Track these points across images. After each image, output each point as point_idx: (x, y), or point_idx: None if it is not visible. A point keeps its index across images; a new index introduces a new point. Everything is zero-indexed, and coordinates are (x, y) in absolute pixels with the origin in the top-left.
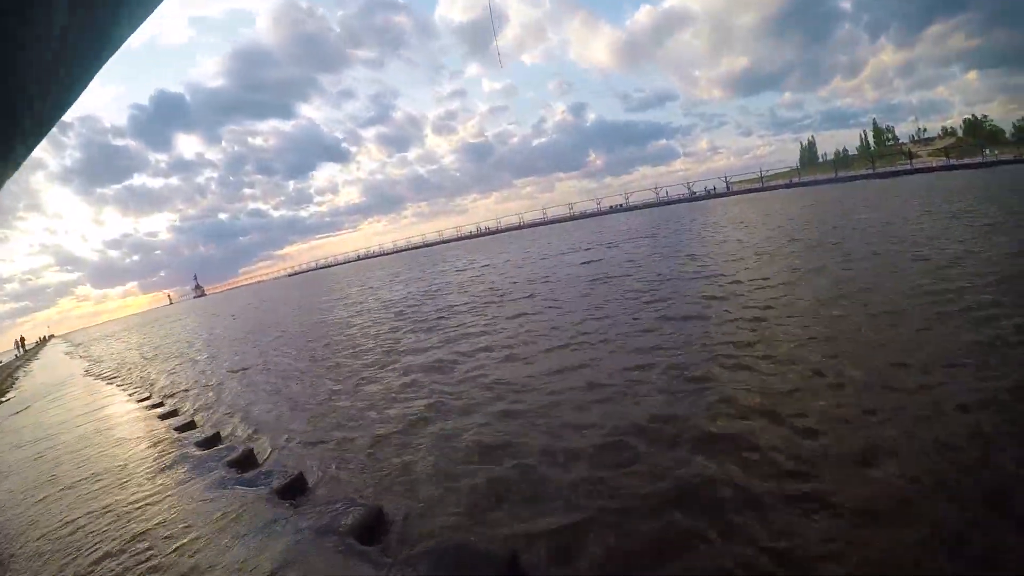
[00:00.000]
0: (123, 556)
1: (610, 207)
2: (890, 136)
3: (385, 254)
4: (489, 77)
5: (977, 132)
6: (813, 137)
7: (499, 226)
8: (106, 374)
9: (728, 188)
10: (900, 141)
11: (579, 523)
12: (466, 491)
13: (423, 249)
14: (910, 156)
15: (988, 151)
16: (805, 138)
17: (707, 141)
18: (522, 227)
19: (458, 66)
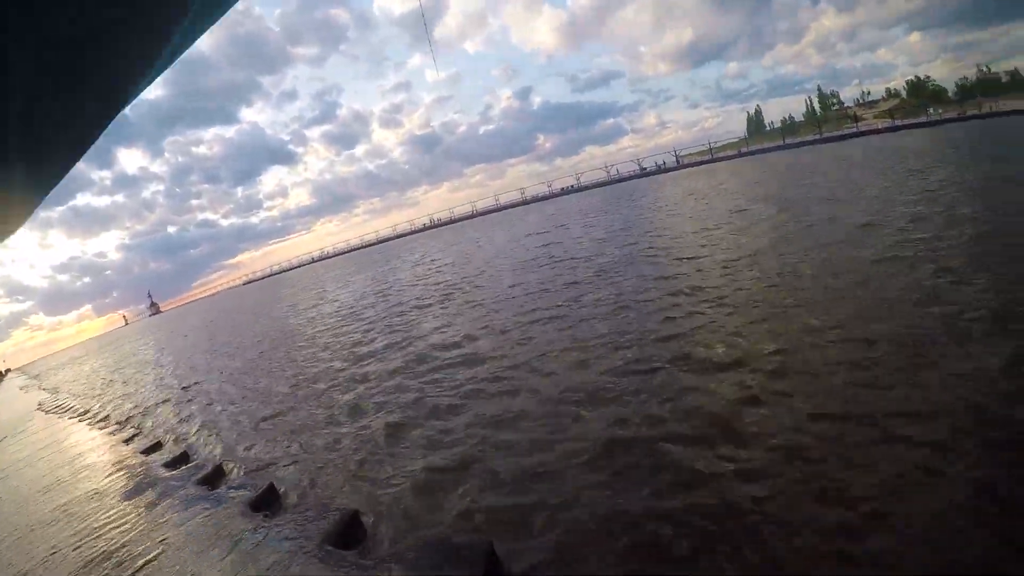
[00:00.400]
0: None
1: (561, 189)
2: (835, 101)
3: (340, 254)
4: (433, 67)
5: (920, 93)
6: (759, 106)
7: (452, 216)
8: (65, 404)
9: (678, 162)
10: (845, 105)
11: (530, 504)
12: (435, 486)
13: (378, 246)
14: (855, 119)
15: (932, 110)
16: (752, 107)
17: (655, 116)
18: (475, 215)
19: (401, 57)
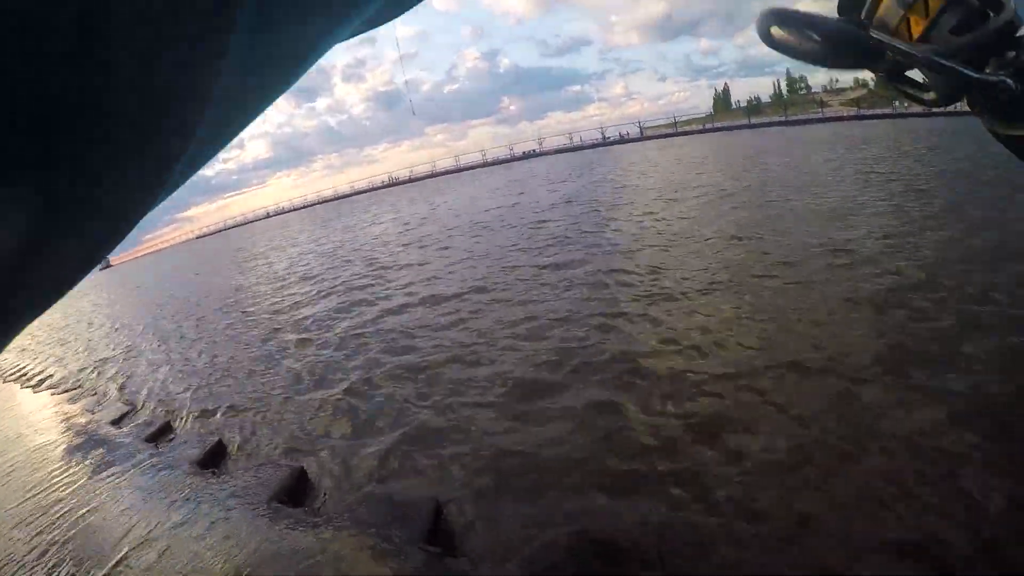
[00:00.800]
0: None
1: (523, 153)
2: (803, 85)
3: (296, 209)
4: (401, 22)
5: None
6: (728, 84)
7: (412, 175)
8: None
9: (641, 133)
10: (813, 91)
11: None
12: (381, 443)
13: (335, 202)
14: (822, 105)
15: (898, 103)
16: (720, 85)
17: (622, 86)
18: (435, 175)
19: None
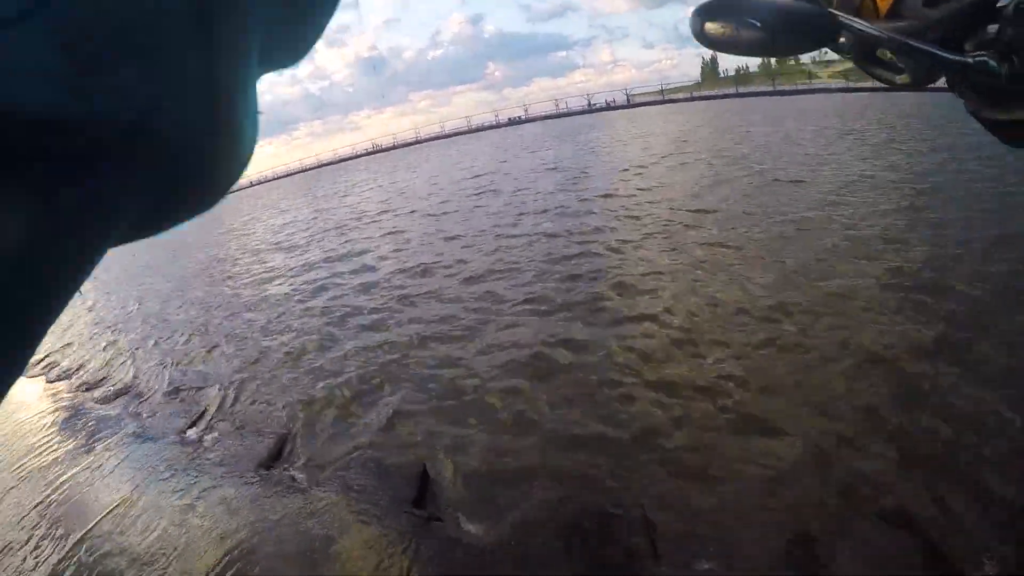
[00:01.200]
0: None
1: (508, 119)
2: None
3: (279, 177)
4: None
5: None
6: (715, 53)
7: (395, 142)
8: None
9: (628, 101)
10: (801, 61)
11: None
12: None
13: (317, 170)
14: (810, 76)
15: None
16: (708, 54)
17: (609, 53)
18: (420, 142)
19: None
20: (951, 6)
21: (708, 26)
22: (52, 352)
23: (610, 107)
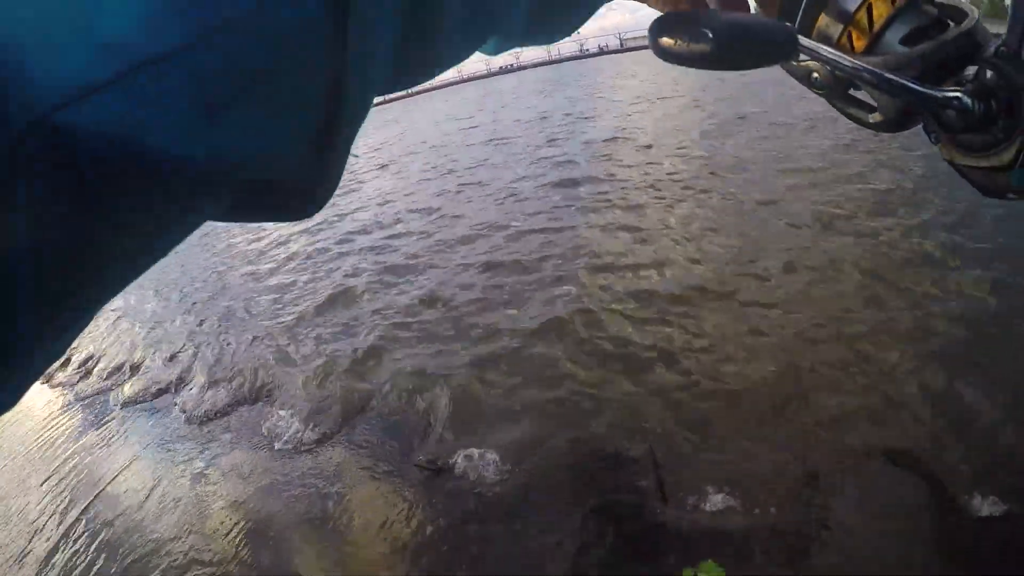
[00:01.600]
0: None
1: (500, 68)
2: None
3: None
4: None
5: None
6: None
7: (385, 98)
8: None
9: (622, 45)
10: None
11: None
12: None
13: None
14: None
15: None
16: None
17: None
18: (410, 95)
19: None
20: (930, 45)
21: (662, 40)
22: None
23: (603, 52)
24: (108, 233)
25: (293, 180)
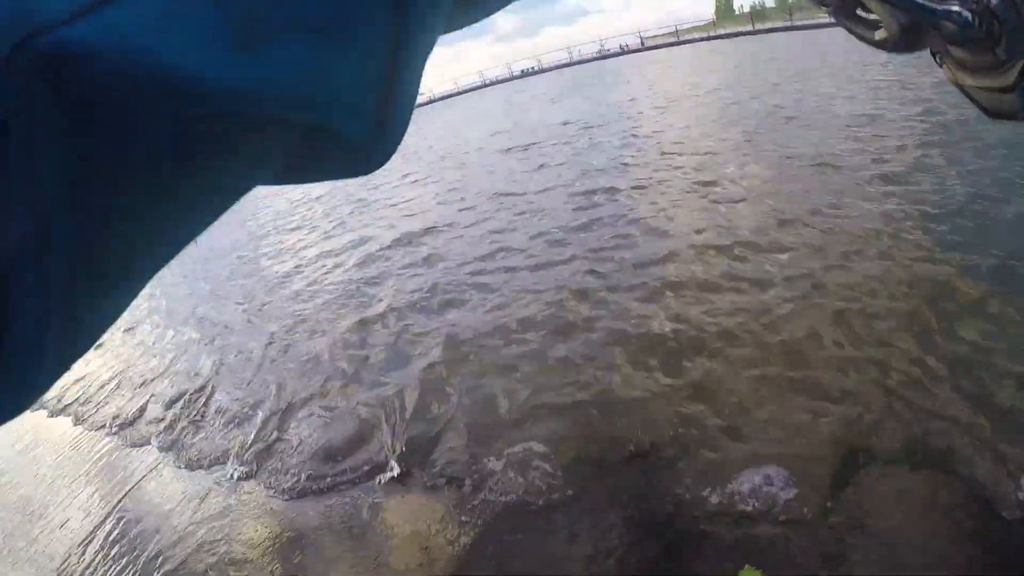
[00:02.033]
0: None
1: (521, 71)
2: None
3: None
4: None
5: None
6: None
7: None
8: None
9: (642, 44)
10: None
11: None
12: None
13: None
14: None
15: None
16: None
17: None
18: (433, 101)
19: None
20: None
21: None
22: None
23: (624, 52)
24: (126, 193)
25: (356, 129)
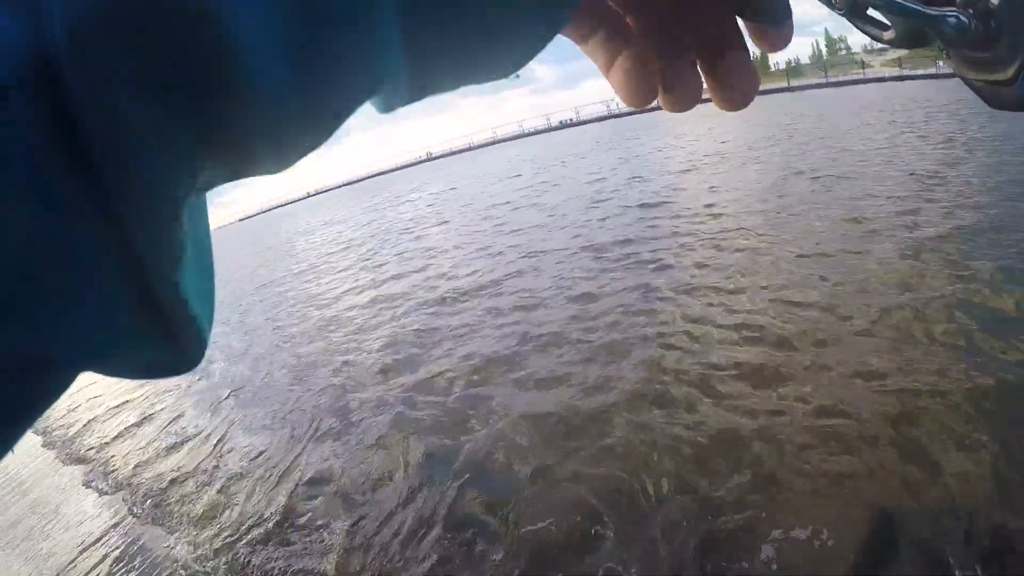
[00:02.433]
0: None
1: (560, 123)
2: (842, 46)
3: (337, 187)
4: None
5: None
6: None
7: (452, 149)
8: None
9: None
10: (853, 51)
11: None
12: None
13: (377, 178)
14: (863, 66)
15: (942, 63)
16: (756, 50)
17: None
18: (472, 148)
19: None
20: None
21: None
22: None
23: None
24: None
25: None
